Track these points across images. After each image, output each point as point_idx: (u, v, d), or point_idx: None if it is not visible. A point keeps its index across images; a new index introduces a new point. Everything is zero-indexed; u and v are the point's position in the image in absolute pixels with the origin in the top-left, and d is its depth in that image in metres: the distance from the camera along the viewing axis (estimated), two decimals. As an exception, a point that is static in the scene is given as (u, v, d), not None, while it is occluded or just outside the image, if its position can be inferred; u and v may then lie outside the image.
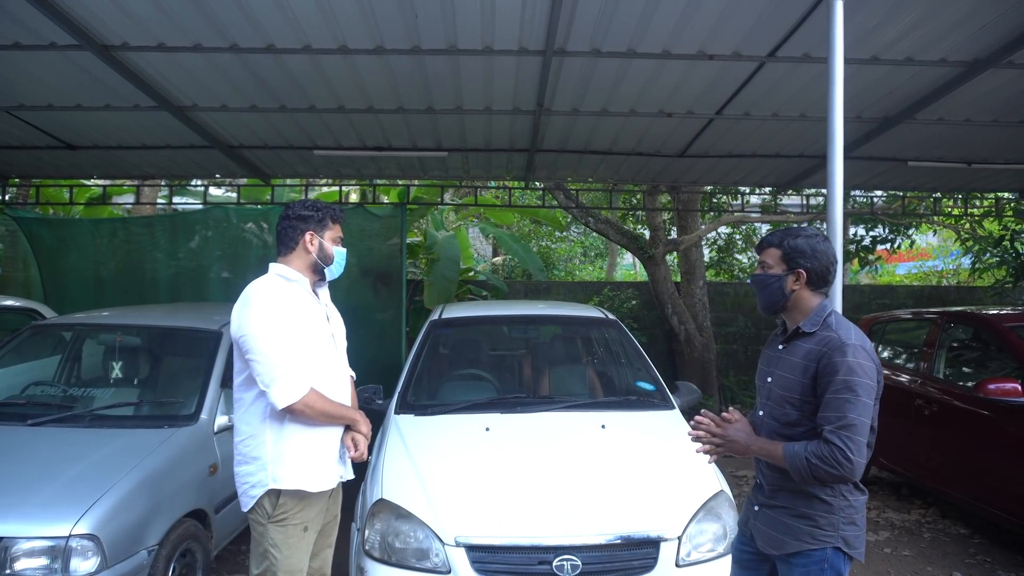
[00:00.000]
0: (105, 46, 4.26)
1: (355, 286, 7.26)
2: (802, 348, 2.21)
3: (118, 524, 2.86)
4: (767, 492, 2.31)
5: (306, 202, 2.74)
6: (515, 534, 2.76)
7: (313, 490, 2.57)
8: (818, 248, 2.23)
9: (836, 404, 2.05)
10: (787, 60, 4.47)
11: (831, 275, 2.26)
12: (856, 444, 2.02)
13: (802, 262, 2.22)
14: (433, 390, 4.25)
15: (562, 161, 6.92)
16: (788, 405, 2.21)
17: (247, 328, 2.48)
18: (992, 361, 5.17)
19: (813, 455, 2.06)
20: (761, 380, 2.39)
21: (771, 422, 2.29)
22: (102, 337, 4.34)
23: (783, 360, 2.28)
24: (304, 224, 2.67)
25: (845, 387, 2.05)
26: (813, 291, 2.25)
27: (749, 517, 2.42)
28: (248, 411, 2.57)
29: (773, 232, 2.34)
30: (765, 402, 2.34)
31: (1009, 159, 6.58)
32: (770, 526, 2.28)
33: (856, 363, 2.07)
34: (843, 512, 2.16)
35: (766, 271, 2.29)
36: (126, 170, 7.53)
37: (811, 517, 2.17)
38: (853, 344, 2.10)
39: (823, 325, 2.20)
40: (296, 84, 4.86)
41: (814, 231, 2.29)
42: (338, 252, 2.74)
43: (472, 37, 4.21)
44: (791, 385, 2.20)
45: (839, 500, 2.15)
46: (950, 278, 14.59)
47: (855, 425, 2.03)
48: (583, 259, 18.59)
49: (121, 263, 7.40)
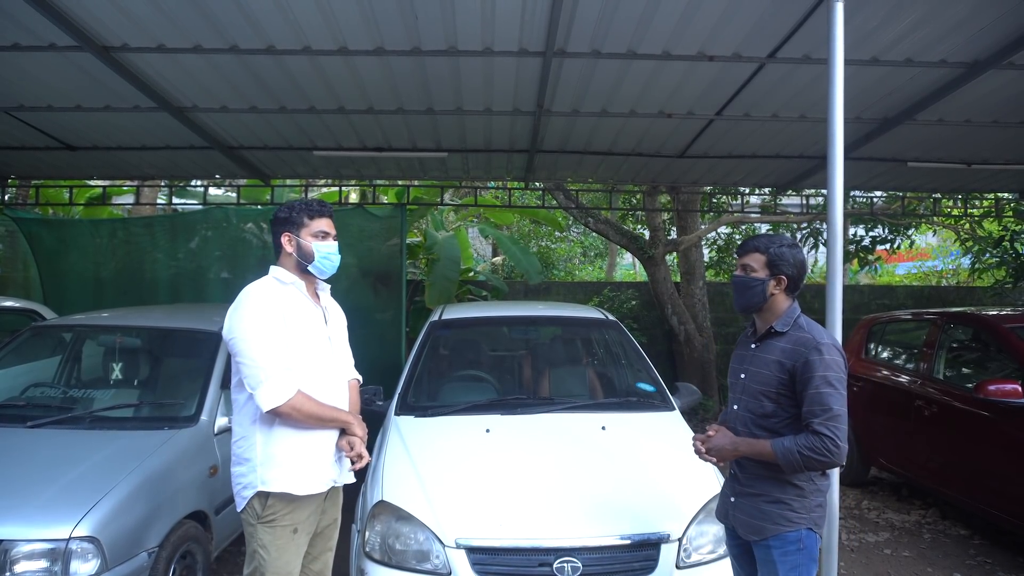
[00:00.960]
0: (105, 47, 4.25)
1: (355, 287, 7.27)
2: (776, 347, 2.41)
3: (118, 526, 2.86)
4: (743, 481, 2.49)
5: (284, 205, 2.73)
6: (515, 536, 2.76)
7: (300, 494, 2.56)
8: (798, 258, 2.45)
9: (820, 398, 2.25)
10: (787, 61, 4.47)
11: (803, 282, 2.48)
12: (842, 432, 2.24)
13: (785, 269, 2.42)
14: (433, 391, 4.25)
15: (562, 162, 6.91)
16: (764, 399, 2.41)
17: (235, 331, 2.50)
18: (992, 362, 5.17)
19: (804, 447, 2.25)
20: (734, 377, 2.59)
21: (747, 415, 2.47)
22: (102, 338, 4.34)
23: (757, 358, 2.47)
24: (280, 227, 2.69)
25: (825, 382, 2.26)
26: (787, 295, 2.46)
27: (728, 510, 2.57)
28: (241, 413, 2.59)
29: (755, 237, 2.52)
30: (739, 396, 2.53)
31: (1009, 160, 6.57)
32: (748, 514, 2.45)
33: (832, 360, 2.29)
34: (813, 495, 2.37)
35: (749, 274, 2.46)
36: (126, 171, 7.52)
37: (785, 502, 2.36)
38: (827, 343, 2.32)
39: (794, 326, 2.41)
40: (296, 85, 4.86)
41: (792, 240, 2.50)
42: (322, 247, 2.66)
43: (472, 38, 4.20)
44: (767, 380, 2.40)
45: (809, 484, 2.36)
46: (950, 278, 14.59)
47: (840, 415, 2.25)
48: (583, 259, 18.59)
49: (121, 264, 7.39)
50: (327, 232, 2.71)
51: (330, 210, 2.76)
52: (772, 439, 2.34)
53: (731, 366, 2.63)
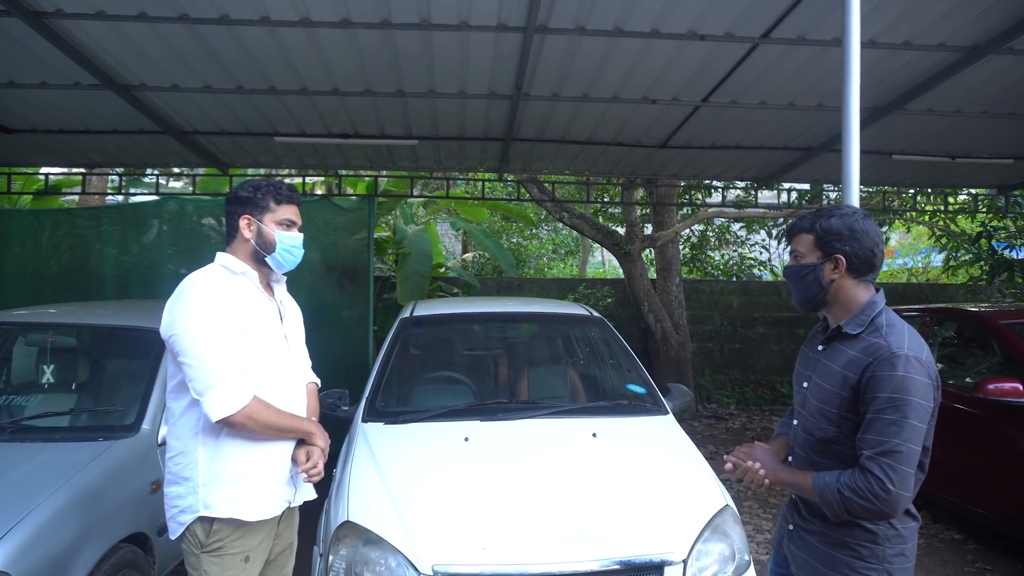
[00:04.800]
0: (35, 12, 3.80)
1: (319, 283, 6.87)
2: (845, 354, 1.90)
3: (37, 557, 2.45)
4: (803, 512, 2.03)
5: (248, 182, 2.32)
6: (501, 561, 2.42)
7: (251, 519, 2.20)
8: (857, 228, 1.89)
9: (880, 426, 1.76)
10: (781, 42, 4.22)
11: (877, 259, 1.92)
12: (899, 474, 1.74)
13: (839, 246, 1.90)
14: (405, 395, 3.90)
15: (538, 151, 6.60)
16: (824, 420, 1.92)
17: (179, 327, 2.10)
18: (986, 360, 5.01)
19: (846, 487, 1.79)
20: (797, 384, 2.09)
21: (805, 435, 2.00)
22: (31, 337, 3.88)
23: (821, 365, 1.98)
24: (240, 208, 2.28)
25: (892, 406, 1.75)
26: (857, 280, 1.92)
27: (783, 537, 2.14)
28: (179, 424, 2.20)
29: (801, 217, 2.02)
30: (800, 411, 2.06)
31: (992, 153, 6.47)
32: (806, 552, 2.00)
33: (908, 378, 1.76)
34: (890, 542, 1.86)
35: (799, 261, 1.98)
36: (70, 157, 6.96)
37: (852, 547, 1.88)
38: (905, 355, 1.78)
39: (870, 327, 1.88)
40: (254, 61, 4.45)
41: (851, 209, 1.96)
42: (286, 237, 2.30)
43: (447, 10, 3.86)
44: (829, 397, 1.91)
45: (885, 529, 1.86)
46: (920, 276, 14.68)
47: (900, 452, 1.74)
48: (553, 256, 18.36)
49: (64, 258, 6.85)
50: (293, 221, 2.34)
51: (299, 198, 2.39)
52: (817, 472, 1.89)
53: (796, 368, 2.13)
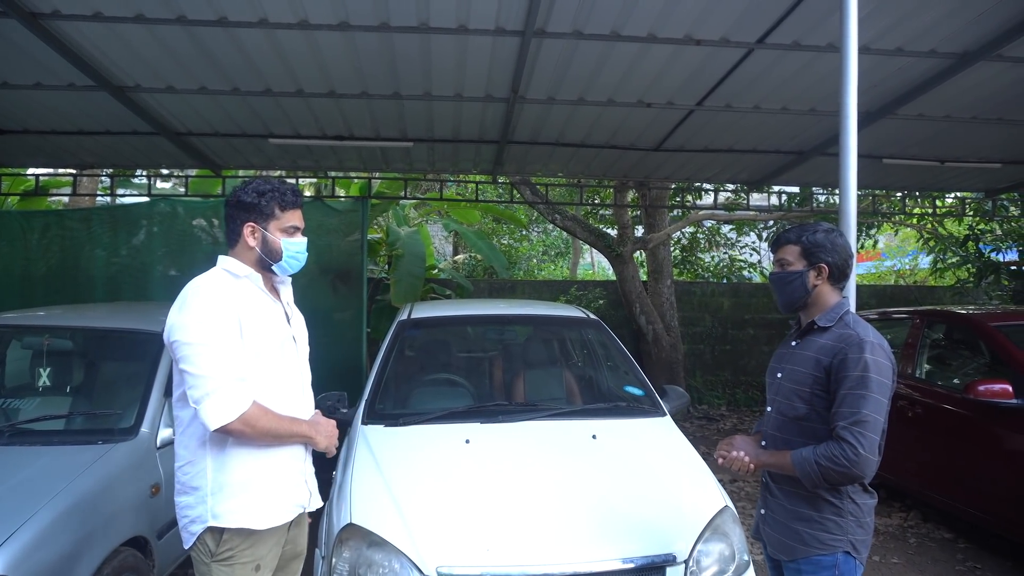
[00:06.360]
0: (32, 13, 3.79)
1: (312, 285, 6.83)
2: (816, 343, 2.20)
3: (37, 561, 2.43)
4: (774, 493, 2.29)
5: (251, 185, 2.25)
6: (504, 562, 2.44)
7: (261, 527, 2.18)
8: (837, 242, 2.24)
9: (850, 400, 2.03)
10: (776, 47, 4.27)
11: (849, 269, 2.27)
12: (868, 440, 2.00)
13: (823, 256, 2.22)
14: (404, 397, 3.90)
15: (533, 154, 6.63)
16: (797, 398, 2.20)
17: (180, 333, 2.07)
18: (975, 362, 5.07)
19: (823, 456, 2.03)
20: (771, 377, 2.37)
21: (778, 417, 2.28)
22: (27, 340, 3.84)
23: (795, 355, 2.27)
24: (245, 213, 2.23)
25: (860, 383, 2.03)
26: (832, 286, 2.24)
27: (759, 522, 2.37)
28: (187, 433, 2.17)
29: (786, 230, 2.34)
30: (774, 398, 2.33)
31: (981, 157, 6.56)
32: (778, 531, 2.24)
33: (873, 360, 2.05)
34: (852, 515, 2.12)
35: (786, 268, 2.27)
36: (62, 158, 6.91)
37: (819, 520, 2.13)
38: (872, 342, 2.08)
39: (840, 322, 2.19)
40: (250, 63, 4.45)
41: (829, 226, 2.28)
42: (291, 244, 2.27)
43: (446, 14, 3.88)
44: (801, 378, 2.19)
45: (847, 503, 2.12)
46: (907, 278, 14.82)
47: (868, 421, 2.00)
48: (543, 258, 18.39)
49: (55, 260, 6.78)
50: (297, 227, 2.31)
51: (302, 200, 2.36)
52: (794, 450, 2.12)
53: (770, 365, 2.40)
